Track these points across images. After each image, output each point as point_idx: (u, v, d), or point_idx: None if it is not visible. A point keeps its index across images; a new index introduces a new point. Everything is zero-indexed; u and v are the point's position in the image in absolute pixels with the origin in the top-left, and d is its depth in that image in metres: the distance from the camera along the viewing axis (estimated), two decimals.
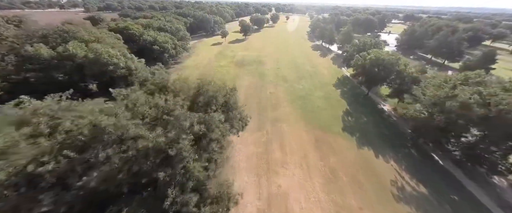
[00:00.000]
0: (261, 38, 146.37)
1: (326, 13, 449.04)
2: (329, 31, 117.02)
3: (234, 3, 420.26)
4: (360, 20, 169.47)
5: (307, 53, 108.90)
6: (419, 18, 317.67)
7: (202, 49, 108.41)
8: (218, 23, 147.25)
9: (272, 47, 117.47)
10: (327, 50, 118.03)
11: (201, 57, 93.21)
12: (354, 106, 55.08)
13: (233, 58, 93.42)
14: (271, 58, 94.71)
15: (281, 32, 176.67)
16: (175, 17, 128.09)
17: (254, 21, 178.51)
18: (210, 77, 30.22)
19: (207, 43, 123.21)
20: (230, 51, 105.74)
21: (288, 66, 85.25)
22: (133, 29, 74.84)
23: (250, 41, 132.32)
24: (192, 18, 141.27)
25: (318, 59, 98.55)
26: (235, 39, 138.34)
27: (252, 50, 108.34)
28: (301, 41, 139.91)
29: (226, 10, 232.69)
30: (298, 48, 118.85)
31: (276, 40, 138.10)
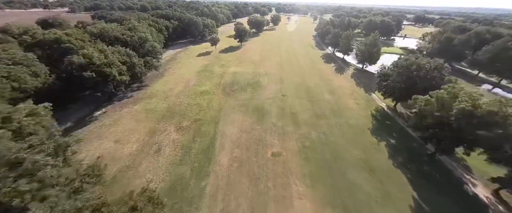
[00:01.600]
0: (260, 45, 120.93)
1: (329, 13, 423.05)
2: (345, 40, 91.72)
3: (232, 3, 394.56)
4: (374, 23, 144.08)
5: (320, 68, 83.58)
6: (431, 19, 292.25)
7: (183, 62, 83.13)
8: (209, 27, 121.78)
9: (273, 59, 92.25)
10: (342, 63, 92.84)
11: (178, 76, 67.92)
12: (425, 190, 30.15)
13: (222, 77, 68.19)
14: (273, 78, 69.56)
15: (284, 37, 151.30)
16: (153, 20, 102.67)
17: (252, 23, 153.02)
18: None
19: (192, 52, 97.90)
20: (219, 65, 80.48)
21: (297, 92, 60.10)
22: (69, 43, 49.76)
23: (247, 50, 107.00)
24: (177, 20, 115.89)
25: (335, 78, 73.27)
26: (228, 46, 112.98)
27: (248, 64, 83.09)
28: (308, 50, 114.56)
29: (221, 10, 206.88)
30: (307, 61, 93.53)
31: (278, 49, 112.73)
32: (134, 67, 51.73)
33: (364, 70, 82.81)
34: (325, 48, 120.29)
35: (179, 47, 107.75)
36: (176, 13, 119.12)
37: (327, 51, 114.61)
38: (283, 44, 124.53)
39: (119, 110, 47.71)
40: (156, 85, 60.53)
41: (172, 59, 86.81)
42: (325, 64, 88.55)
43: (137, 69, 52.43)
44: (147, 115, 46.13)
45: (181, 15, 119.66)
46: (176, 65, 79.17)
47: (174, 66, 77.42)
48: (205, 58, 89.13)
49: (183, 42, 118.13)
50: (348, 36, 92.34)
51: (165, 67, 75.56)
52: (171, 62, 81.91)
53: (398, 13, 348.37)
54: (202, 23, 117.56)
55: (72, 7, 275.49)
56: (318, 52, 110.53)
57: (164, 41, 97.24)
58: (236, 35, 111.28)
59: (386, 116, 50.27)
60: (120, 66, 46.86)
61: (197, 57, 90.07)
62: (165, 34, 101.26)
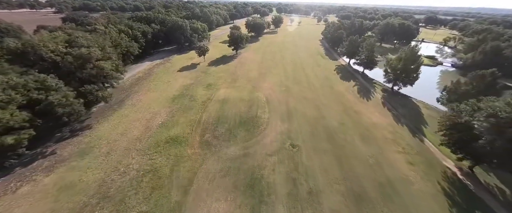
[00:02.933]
0: (259, 53, 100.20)
1: (333, 13, 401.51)
2: (368, 50, 70.96)
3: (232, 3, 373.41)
4: (391, 26, 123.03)
5: (338, 91, 62.59)
6: (443, 21, 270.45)
7: (158, 81, 62.57)
8: (199, 32, 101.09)
9: (276, 75, 71.57)
10: (363, 79, 72.02)
11: (143, 108, 47.30)
12: None
13: (204, 109, 47.61)
14: (277, 109, 48.93)
15: (287, 42, 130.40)
16: (127, 25, 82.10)
17: (251, 27, 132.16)
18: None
19: (174, 65, 77.33)
20: (205, 86, 59.91)
21: (313, 137, 39.41)
22: None
23: (243, 61, 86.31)
24: (159, 24, 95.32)
25: (363, 107, 52.21)
26: (221, 56, 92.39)
27: (243, 84, 62.44)
28: (318, 60, 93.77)
29: (217, 11, 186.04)
30: (319, 77, 72.77)
31: (281, 59, 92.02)
32: (51, 108, 31.30)
33: (396, 92, 62.24)
34: (338, 58, 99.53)
35: (160, 57, 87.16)
36: (159, 16, 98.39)
37: (340, 61, 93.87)
38: (287, 52, 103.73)
39: (14, 186, 27.43)
40: (103, 127, 40.08)
41: (145, 76, 66.29)
42: (343, 83, 67.81)
43: (59, 110, 31.98)
44: (57, 199, 25.92)
45: (165, 17, 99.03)
46: (146, 86, 58.61)
47: (143, 89, 56.87)
48: (189, 75, 68.56)
49: (167, 51, 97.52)
50: (372, 46, 71.58)
51: (130, 91, 55.11)
52: (142, 82, 61.37)
53: (406, 14, 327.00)
54: (189, 27, 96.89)
55: (59, 7, 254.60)
56: (329, 63, 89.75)
57: (139, 51, 76.93)
58: (231, 42, 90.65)
59: (465, 191, 29.77)
60: (13, 115, 26.38)
61: (178, 73, 69.49)
62: (142, 41, 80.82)
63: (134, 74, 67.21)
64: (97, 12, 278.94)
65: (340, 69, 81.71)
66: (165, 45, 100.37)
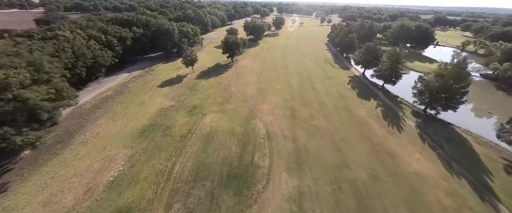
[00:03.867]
0: (258, 61, 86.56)
1: (336, 13, 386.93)
2: (392, 61, 57.32)
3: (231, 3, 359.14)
4: (407, 29, 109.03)
5: (359, 116, 48.97)
6: (452, 22, 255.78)
7: (130, 101, 49.00)
8: (190, 36, 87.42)
9: (278, 92, 57.84)
10: (385, 96, 58.49)
11: (92, 149, 33.56)
12: None
13: (180, 151, 34.02)
14: (282, 149, 35.19)
15: (290, 46, 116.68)
16: (101, 29, 68.72)
17: (249, 29, 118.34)
18: None
19: (155, 78, 63.73)
20: (187, 111, 46.21)
21: (337, 205, 25.97)
22: None
23: (239, 72, 72.65)
24: (142, 28, 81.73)
25: (397, 145, 38.27)
26: (214, 64, 78.84)
27: (237, 106, 48.70)
28: (327, 70, 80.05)
29: (214, 12, 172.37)
30: (332, 95, 59.06)
31: (284, 69, 78.34)
32: None
33: (432, 116, 48.69)
34: (349, 66, 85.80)
35: (142, 66, 73.62)
36: (142, 18, 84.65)
37: (353, 71, 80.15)
38: (290, 59, 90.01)
39: None
40: (24, 188, 26.61)
41: (115, 94, 52.69)
42: (362, 103, 54.12)
43: None
44: None
45: (150, 19, 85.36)
46: (112, 110, 45.08)
47: (106, 115, 43.41)
48: (170, 92, 55.01)
49: (152, 58, 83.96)
50: (397, 56, 57.87)
51: (88, 119, 41.64)
52: (108, 104, 47.84)
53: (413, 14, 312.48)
54: (178, 30, 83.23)
55: (49, 7, 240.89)
56: (341, 74, 76.00)
57: (113, 61, 63.55)
58: (225, 49, 77.03)
59: None
60: None
61: (157, 90, 55.92)
62: (119, 49, 67.36)
63: (103, 92, 53.68)
64: (89, 12, 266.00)
65: (355, 82, 68.04)
66: (152, 51, 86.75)
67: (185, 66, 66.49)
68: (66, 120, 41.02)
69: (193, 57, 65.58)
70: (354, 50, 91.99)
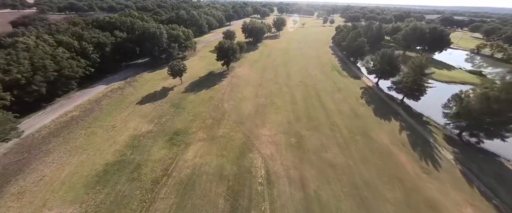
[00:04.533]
0: (257, 69, 77.05)
1: (337, 13, 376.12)
2: (416, 72, 47.80)
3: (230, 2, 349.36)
4: (420, 31, 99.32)
5: (381, 144, 39.62)
6: (460, 22, 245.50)
7: (98, 125, 39.26)
8: (181, 40, 77.88)
9: (280, 110, 48.29)
10: (408, 115, 48.87)
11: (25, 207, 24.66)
12: None
13: (147, 209, 25.02)
14: (287, 202, 25.63)
15: (292, 49, 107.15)
16: (75, 33, 59.41)
17: (248, 31, 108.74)
18: None
19: (137, 91, 54.19)
20: (167, 138, 36.55)
21: None
22: None
23: (235, 82, 63.14)
24: (127, 31, 72.35)
25: (442, 192, 28.57)
26: (207, 73, 69.37)
27: (230, 132, 38.91)
28: (335, 78, 70.55)
29: (212, 12, 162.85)
30: (346, 114, 49.46)
31: (286, 78, 68.87)
32: None
33: (471, 144, 39.17)
34: (359, 74, 76.22)
35: (124, 76, 64.15)
36: (127, 20, 75.07)
37: (364, 79, 70.61)
38: (293, 65, 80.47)
39: None
40: None
41: (82, 115, 43.28)
42: (382, 124, 44.52)
43: None
44: None
45: (136, 21, 75.83)
46: (72, 140, 35.61)
47: (62, 147, 34.03)
48: (151, 111, 45.62)
49: (138, 65, 74.57)
50: (423, 66, 48.35)
51: (37, 153, 32.33)
52: (70, 130, 38.34)
53: (418, 14, 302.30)
54: (168, 34, 73.76)
55: (41, 8, 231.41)
56: (351, 84, 66.33)
57: (87, 72, 54.31)
58: (220, 55, 67.57)
59: None
60: None
61: (135, 108, 46.51)
62: (95, 57, 58.01)
63: (68, 111, 44.28)
64: (84, 12, 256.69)
65: (368, 95, 58.48)
66: (137, 57, 77.25)
67: (172, 77, 56.99)
68: (7, 154, 31.70)
69: (180, 66, 56.05)
70: (364, 55, 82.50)
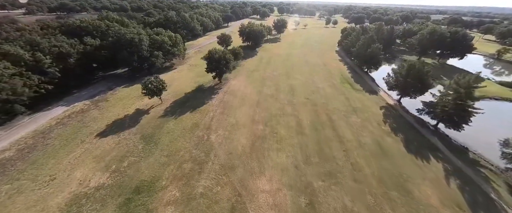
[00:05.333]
0: (255, 81, 65.54)
1: (339, 13, 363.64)
2: (459, 96, 36.44)
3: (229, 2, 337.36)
4: (440, 35, 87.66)
5: (427, 204, 28.52)
6: (468, 23, 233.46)
7: (28, 178, 27.51)
8: (166, 47, 66.26)
9: (284, 144, 36.62)
10: (448, 148, 37.69)
11: None
12: None
13: None
14: None
15: (295, 56, 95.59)
16: (29, 42, 47.88)
17: (246, 35, 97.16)
18: None
19: (102, 116, 42.31)
20: (124, 199, 24.91)
21: None
22: None
23: (227, 100, 51.53)
24: (100, 38, 60.81)
25: None
26: (195, 87, 57.91)
27: (214, 187, 27.21)
28: (348, 94, 59.01)
29: (208, 13, 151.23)
30: (369, 150, 37.98)
31: (290, 93, 57.37)
32: None
33: None
34: (374, 87, 64.68)
35: (95, 92, 52.58)
36: (101, 24, 63.42)
37: (381, 95, 59.07)
38: (297, 77, 68.77)
39: None
40: None
41: (16, 157, 31.47)
42: (420, 168, 32.82)
43: None
44: None
45: (113, 25, 64.22)
46: None
47: None
48: (112, 148, 34.09)
49: (115, 77, 63.03)
50: (470, 87, 36.87)
51: None
52: None
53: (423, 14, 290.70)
54: (151, 40, 62.30)
55: (30, 8, 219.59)
56: (367, 101, 54.70)
57: (42, 91, 43.05)
58: (210, 67, 56.08)
59: None
60: None
61: (93, 142, 34.95)
62: (54, 71, 46.59)
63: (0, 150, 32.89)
64: (76, 12, 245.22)
65: (393, 119, 46.95)
66: (118, 66, 65.67)
67: (149, 97, 45.41)
68: None
69: (158, 83, 44.49)
70: (379, 64, 70.99)
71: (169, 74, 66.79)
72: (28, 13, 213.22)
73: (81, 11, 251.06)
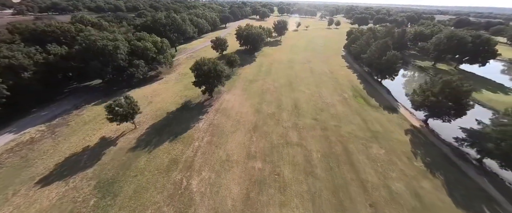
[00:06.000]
0: (252, 96, 55.78)
1: (340, 14, 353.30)
2: None
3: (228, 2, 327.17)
4: (460, 39, 77.92)
5: None
6: (477, 24, 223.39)
7: None
8: (150, 55, 56.48)
9: (291, 190, 26.93)
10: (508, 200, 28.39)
11: None
12: None
13: None
14: None
15: (298, 63, 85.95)
16: None
17: (244, 39, 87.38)
18: None
19: (54, 149, 32.44)
20: None
21: None
22: None
23: (218, 122, 41.79)
24: (69, 45, 51.03)
25: None
26: (181, 104, 48.22)
27: None
28: (363, 113, 49.38)
29: (204, 14, 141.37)
30: (404, 204, 28.63)
31: (293, 112, 47.67)
32: None
33: None
34: (392, 101, 55.00)
35: (60, 110, 42.88)
36: (71, 29, 53.64)
37: (403, 113, 49.43)
38: (301, 89, 59.00)
39: None
40: None
41: None
42: None
43: None
44: None
45: (87, 30, 54.40)
46: None
47: None
48: (55, 202, 24.54)
49: (88, 90, 53.33)
50: None
51: None
52: None
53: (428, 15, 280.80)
54: (131, 47, 52.59)
55: (20, 9, 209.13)
56: (388, 122, 45.04)
57: None
58: (198, 80, 46.38)
59: None
60: None
61: (28, 194, 25.33)
62: (2, 88, 36.89)
63: None
64: (69, 12, 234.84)
65: (424, 149, 37.29)
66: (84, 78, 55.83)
67: (117, 122, 35.65)
68: None
69: (128, 108, 34.73)
70: (396, 73, 61.37)
71: (153, 86, 57.07)
72: (17, 14, 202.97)
73: (74, 11, 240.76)
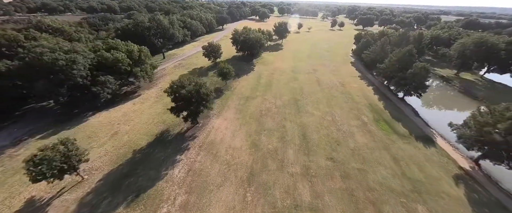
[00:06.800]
0: (248, 123, 44.20)
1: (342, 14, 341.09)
2: None
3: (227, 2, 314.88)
4: (490, 46, 66.49)
5: None
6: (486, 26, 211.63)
7: None
8: (121, 66, 45.01)
9: None
10: None
11: None
12: None
13: None
14: None
15: (302, 72, 74.42)
16: None
17: (241, 44, 75.78)
18: None
19: None
20: None
21: None
22: None
23: (201, 164, 30.24)
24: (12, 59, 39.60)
25: None
26: (155, 135, 36.76)
27: None
28: (394, 150, 37.99)
29: (199, 15, 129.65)
30: None
31: (301, 145, 36.15)
32: None
33: None
34: (423, 127, 43.62)
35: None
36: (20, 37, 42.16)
37: (439, 142, 38.15)
38: (309, 110, 47.42)
39: None
40: None
41: None
42: None
43: None
44: None
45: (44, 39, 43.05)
46: None
47: None
48: None
49: (42, 113, 42.01)
50: None
51: None
52: None
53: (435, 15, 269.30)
54: (96, 60, 41.22)
55: (7, 9, 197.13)
56: (427, 164, 33.46)
57: None
58: (177, 107, 35.05)
59: None
60: None
61: None
62: None
63: None
64: (59, 13, 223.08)
65: (488, 208, 26.22)
66: None
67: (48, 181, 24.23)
68: None
69: (65, 158, 23.30)
70: (425, 89, 49.87)
71: (126, 106, 45.64)
72: (3, 14, 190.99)
73: (64, 12, 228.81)
